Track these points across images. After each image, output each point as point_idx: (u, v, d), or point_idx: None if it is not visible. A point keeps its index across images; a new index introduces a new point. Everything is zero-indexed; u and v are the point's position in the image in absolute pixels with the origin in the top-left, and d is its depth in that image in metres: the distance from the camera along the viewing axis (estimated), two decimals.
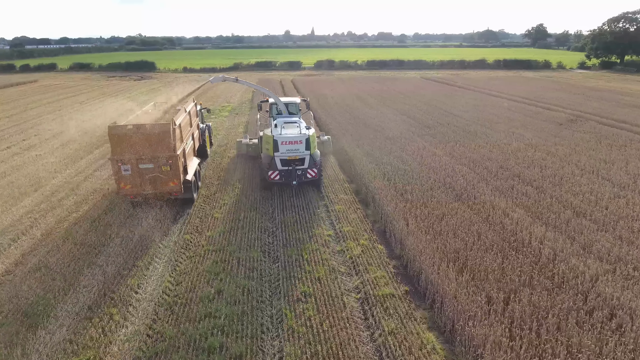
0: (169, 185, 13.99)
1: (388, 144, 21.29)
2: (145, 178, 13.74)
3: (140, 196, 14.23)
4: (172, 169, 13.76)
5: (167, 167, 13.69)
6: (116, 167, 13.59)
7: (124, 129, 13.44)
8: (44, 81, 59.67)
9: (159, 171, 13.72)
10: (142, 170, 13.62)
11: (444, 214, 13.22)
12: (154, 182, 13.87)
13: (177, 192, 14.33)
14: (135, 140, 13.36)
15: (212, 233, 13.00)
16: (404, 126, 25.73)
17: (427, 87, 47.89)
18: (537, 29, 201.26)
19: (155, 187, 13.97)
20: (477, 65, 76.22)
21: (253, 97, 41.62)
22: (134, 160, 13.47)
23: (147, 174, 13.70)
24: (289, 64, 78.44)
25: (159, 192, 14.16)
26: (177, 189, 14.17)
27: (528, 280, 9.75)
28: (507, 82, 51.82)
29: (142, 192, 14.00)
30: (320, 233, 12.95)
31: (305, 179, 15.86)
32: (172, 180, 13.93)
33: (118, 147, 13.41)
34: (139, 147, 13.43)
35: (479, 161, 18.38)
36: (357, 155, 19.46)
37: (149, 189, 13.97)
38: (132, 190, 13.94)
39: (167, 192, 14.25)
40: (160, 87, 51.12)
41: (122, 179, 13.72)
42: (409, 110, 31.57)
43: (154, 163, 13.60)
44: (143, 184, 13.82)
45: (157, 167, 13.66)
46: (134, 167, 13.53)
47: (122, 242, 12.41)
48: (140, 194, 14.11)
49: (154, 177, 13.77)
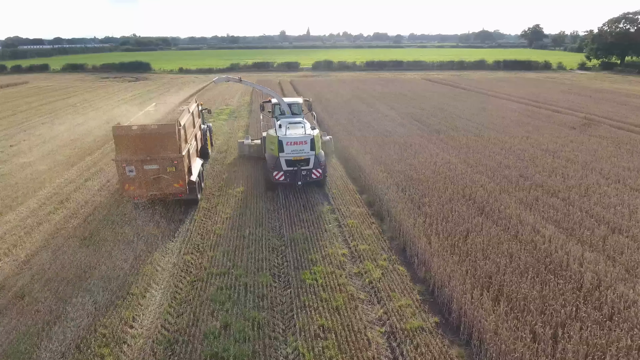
0: (174, 187, 13.73)
1: (398, 151, 20.17)
2: (150, 179, 13.45)
3: (144, 197, 13.93)
4: (178, 169, 13.50)
5: (172, 168, 13.43)
6: (121, 168, 13.24)
7: (128, 130, 13.10)
8: (35, 82, 58.12)
9: (164, 172, 13.45)
10: (147, 171, 13.35)
11: (468, 230, 12.12)
12: (158, 183, 13.56)
13: (182, 194, 14.07)
14: (140, 141, 13.05)
15: (215, 253, 11.81)
16: (413, 131, 24.64)
17: (430, 88, 46.87)
18: (534, 29, 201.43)
19: (160, 189, 13.67)
20: (476, 66, 75.42)
21: (252, 99, 40.40)
22: (139, 161, 13.18)
23: (151, 175, 13.43)
24: (286, 65, 77.24)
25: (163, 194, 13.87)
26: (182, 190, 13.90)
27: (574, 311, 8.66)
28: (510, 84, 50.93)
29: (146, 193, 13.68)
30: (334, 252, 11.80)
31: (310, 179, 15.73)
32: (177, 182, 13.67)
33: (123, 148, 13.11)
34: (144, 147, 13.13)
35: (497, 169, 17.30)
36: (367, 163, 18.33)
37: (154, 190, 13.66)
38: (136, 192, 13.60)
39: (172, 194, 13.96)
40: (156, 88, 49.78)
41: (126, 180, 13.39)
42: (416, 113, 30.47)
43: (159, 164, 13.34)
44: (148, 185, 13.52)
45: (162, 168, 13.40)
46: (138, 168, 13.24)
47: (116, 264, 11.21)
48: (145, 196, 13.79)
49: (158, 178, 13.49)
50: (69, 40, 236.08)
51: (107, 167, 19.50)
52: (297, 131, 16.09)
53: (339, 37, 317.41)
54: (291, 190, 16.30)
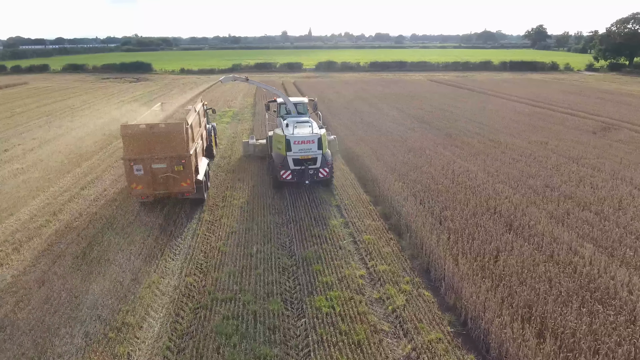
0: (182, 185, 13.67)
1: (412, 157, 19.07)
2: (158, 178, 13.40)
3: (151, 197, 13.93)
4: (185, 168, 13.48)
5: (180, 167, 13.39)
6: (128, 167, 13.20)
7: (137, 129, 13.07)
8: (34, 83, 57.10)
9: (172, 171, 13.40)
10: (155, 170, 13.32)
11: (499, 250, 11.02)
12: (166, 182, 13.51)
13: (190, 193, 14.02)
14: (148, 140, 13.02)
15: (220, 274, 10.73)
16: (424, 135, 23.53)
17: (437, 90, 45.76)
18: (537, 30, 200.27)
19: (167, 187, 13.64)
20: (481, 67, 74.29)
21: (255, 101, 39.33)
22: (147, 160, 13.14)
23: (159, 174, 13.37)
24: (288, 66, 76.19)
25: (171, 192, 13.88)
26: (189, 189, 13.85)
27: (633, 351, 7.55)
28: (518, 85, 49.80)
29: (154, 192, 13.67)
30: (351, 274, 10.71)
31: (317, 178, 15.73)
32: (184, 180, 13.61)
33: (131, 146, 13.06)
34: (152, 146, 13.10)
35: (520, 178, 16.19)
36: (380, 171, 17.24)
37: (161, 189, 13.63)
38: (144, 191, 13.54)
39: (179, 192, 13.92)
40: (157, 89, 48.77)
41: (134, 179, 13.32)
42: (426, 116, 29.35)
43: (166, 163, 13.31)
44: (155, 184, 13.47)
45: (169, 167, 13.38)
46: (146, 167, 13.21)
47: (110, 287, 10.13)
48: (152, 195, 13.80)
49: (166, 177, 13.44)
50: (70, 40, 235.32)
51: (104, 174, 18.46)
52: (305, 130, 16.01)
53: (341, 37, 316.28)
54: (301, 202, 15.22)
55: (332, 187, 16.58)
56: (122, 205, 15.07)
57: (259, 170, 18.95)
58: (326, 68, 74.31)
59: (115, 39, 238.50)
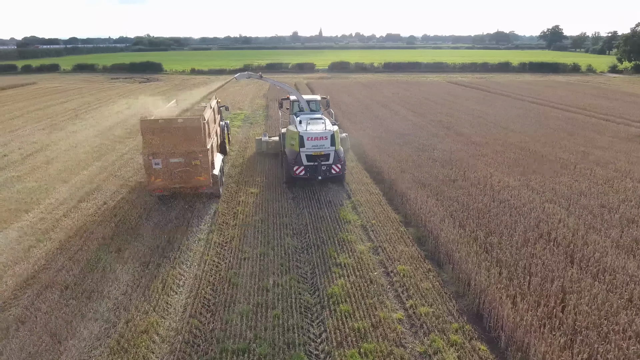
0: (198, 180, 14.00)
1: (442, 170, 17.24)
2: (175, 172, 13.76)
3: (169, 190, 14.35)
4: (202, 163, 13.78)
5: (197, 161, 13.70)
6: (147, 161, 13.62)
7: (156, 123, 13.50)
8: (43, 83, 56.16)
9: (189, 165, 13.71)
10: (172, 164, 13.68)
11: (564, 290, 9.16)
12: (183, 176, 13.85)
13: (206, 187, 14.36)
14: (166, 135, 13.37)
15: (230, 315, 9.02)
16: (453, 143, 21.61)
17: (458, 92, 43.61)
18: (553, 30, 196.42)
19: (184, 182, 14.00)
20: (500, 69, 71.86)
21: (268, 103, 37.72)
22: (165, 154, 13.52)
23: (177, 168, 13.74)
24: (300, 66, 74.48)
25: (188, 187, 14.23)
26: (206, 183, 14.19)
27: None
28: (544, 88, 47.48)
29: (171, 186, 14.07)
30: (387, 317, 8.94)
31: (329, 174, 16.01)
32: (201, 175, 13.92)
33: (149, 141, 13.41)
34: (170, 141, 13.42)
35: (570, 196, 14.26)
36: (408, 185, 15.44)
37: (179, 183, 14.01)
38: (162, 184, 13.92)
39: (196, 187, 14.29)
40: (167, 90, 47.40)
41: (152, 173, 13.72)
42: (451, 122, 27.37)
43: (184, 157, 13.65)
44: (173, 178, 13.85)
45: (187, 161, 13.70)
46: (164, 161, 13.58)
47: (101, 330, 8.50)
48: (170, 188, 14.21)
49: (183, 171, 13.77)
50: (83, 40, 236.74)
51: (104, 184, 16.92)
52: (318, 127, 16.30)
53: (351, 37, 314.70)
54: (322, 222, 13.47)
55: (357, 203, 14.84)
56: (123, 221, 13.49)
57: (274, 181, 17.26)
58: (339, 69, 72.52)
59: (128, 39, 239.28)
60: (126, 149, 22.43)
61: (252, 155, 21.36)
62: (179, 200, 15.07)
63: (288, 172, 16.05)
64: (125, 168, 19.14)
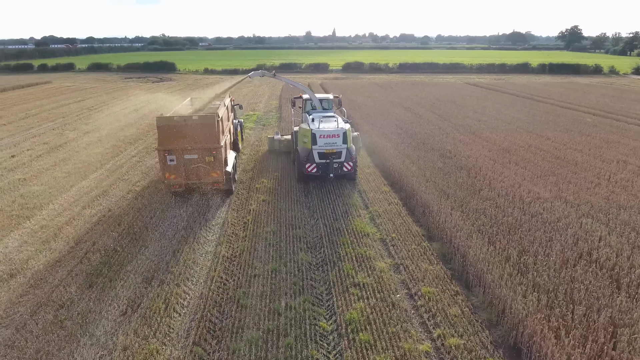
0: (212, 176, 14.20)
1: (467, 178, 16.16)
2: (190, 168, 13.98)
3: (183, 186, 14.54)
4: (216, 159, 13.98)
5: (211, 158, 13.88)
6: (162, 157, 13.83)
7: (171, 120, 13.69)
8: (57, 82, 56.28)
9: (203, 162, 13.93)
10: (187, 160, 13.87)
11: (614, 322, 8.10)
12: (197, 172, 14.05)
13: (220, 183, 14.55)
14: (181, 131, 13.55)
15: (238, 343, 8.15)
16: (477, 149, 20.43)
17: (477, 94, 42.20)
18: (571, 31, 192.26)
19: (198, 178, 14.21)
20: (519, 70, 69.94)
21: (281, 104, 36.93)
22: (180, 151, 13.71)
23: (191, 165, 13.92)
24: (315, 66, 73.56)
25: (202, 183, 14.45)
26: (219, 180, 14.40)
27: None
28: (568, 90, 45.75)
29: (186, 182, 14.27)
30: (412, 349, 7.97)
31: (341, 172, 16.07)
32: (215, 171, 14.14)
33: (165, 137, 13.62)
34: (184, 137, 13.62)
35: (608, 210, 13.07)
36: (431, 195, 14.41)
37: (193, 179, 14.21)
38: (176, 180, 14.16)
39: (210, 183, 14.50)
40: (180, 90, 46.99)
41: (167, 169, 13.95)
42: (473, 125, 26.11)
43: (198, 154, 13.84)
44: (187, 174, 14.07)
45: (201, 157, 13.92)
46: (179, 157, 13.78)
47: (96, 359, 7.69)
48: (184, 184, 14.41)
49: (197, 168, 13.94)
50: (100, 40, 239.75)
51: (111, 189, 16.26)
52: (330, 125, 16.38)
53: (365, 38, 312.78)
54: (338, 234, 12.54)
55: (375, 214, 13.87)
56: (127, 230, 12.75)
57: (287, 187, 16.39)
58: (353, 69, 71.44)
59: (144, 38, 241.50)
60: (135, 150, 21.81)
61: (264, 158, 20.54)
62: (188, 206, 14.39)
63: (300, 170, 16.20)
64: (134, 171, 18.49)
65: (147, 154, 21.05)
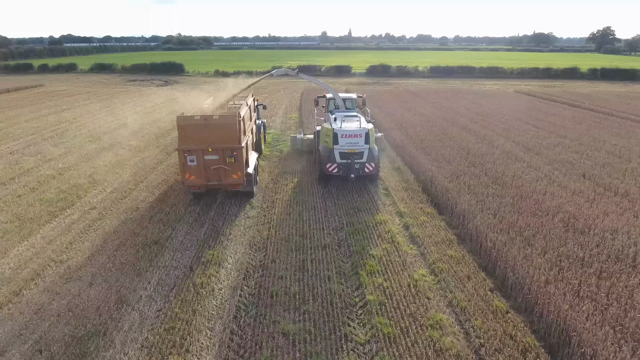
0: (232, 178, 13.81)
1: (576, 238, 9.21)
2: (210, 169, 13.61)
3: (203, 187, 14.09)
4: (237, 160, 13.60)
5: (231, 159, 13.50)
6: (182, 157, 13.47)
7: (192, 120, 13.34)
8: (50, 86, 50.44)
9: (224, 162, 13.54)
10: (207, 161, 13.50)
11: None
12: (217, 173, 13.67)
13: (240, 185, 14.15)
14: (202, 131, 13.16)
15: None
16: (618, 215, 13.26)
17: (543, 108, 33.52)
18: (603, 32, 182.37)
19: (219, 179, 13.79)
20: (567, 75, 61.96)
21: (302, 119, 30.25)
22: (200, 151, 13.33)
23: (211, 165, 13.54)
24: (336, 69, 66.59)
25: (222, 184, 13.99)
26: (240, 182, 13.98)
27: None
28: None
29: (206, 183, 13.82)
30: None
31: (362, 173, 15.75)
32: (235, 173, 13.75)
33: (185, 137, 13.31)
34: (205, 138, 13.22)
35: None
36: (537, 273, 7.55)
37: (213, 180, 13.79)
38: (196, 181, 13.76)
39: (230, 185, 14.05)
40: (183, 95, 40.65)
41: (187, 169, 13.59)
42: (578, 163, 18.17)
43: (219, 154, 13.47)
44: (208, 175, 13.66)
45: (222, 158, 13.52)
46: (199, 158, 13.42)
47: None
48: (204, 186, 13.96)
49: (218, 169, 13.59)
50: (117, 38, 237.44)
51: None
52: (352, 124, 16.12)
53: (381, 38, 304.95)
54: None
55: None
56: None
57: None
58: (379, 72, 64.38)
59: (160, 37, 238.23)
60: (99, 197, 15.20)
61: (282, 202, 14.19)
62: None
63: (321, 170, 16.00)
64: (83, 240, 11.95)
65: (113, 208, 14.41)
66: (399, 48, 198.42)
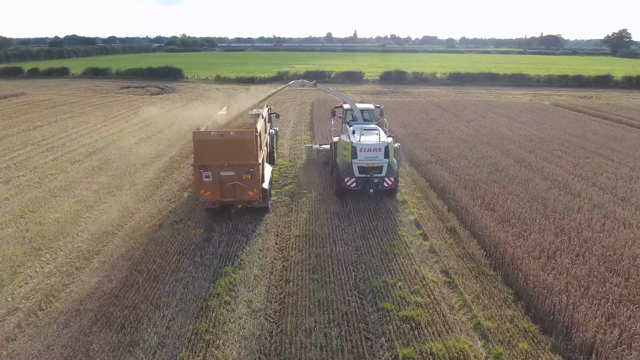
0: (248, 194, 13.51)
1: None
2: (226, 186, 13.33)
3: (218, 204, 13.85)
4: (253, 177, 13.33)
5: (247, 176, 13.24)
6: (197, 173, 13.30)
7: (208, 135, 13.15)
8: (32, 95, 45.57)
9: (240, 179, 13.25)
10: (223, 177, 13.24)
11: None
12: (233, 190, 13.36)
13: (255, 202, 13.88)
14: (218, 147, 12.92)
15: None
16: None
17: (595, 128, 28.42)
18: (619, 35, 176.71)
19: (234, 196, 13.52)
20: (599, 83, 56.65)
21: (314, 134, 25.29)
22: (216, 167, 13.12)
23: (227, 182, 13.27)
24: (346, 75, 61.42)
25: (237, 201, 13.77)
26: (256, 198, 13.72)
27: None
28: None
29: (221, 199, 13.55)
30: None
31: (381, 187, 15.43)
32: (251, 189, 13.45)
33: (200, 153, 13.10)
34: (221, 154, 12.98)
35: None
36: None
37: (229, 197, 13.53)
38: (211, 197, 13.51)
39: (246, 201, 13.86)
40: (179, 107, 35.76)
41: (202, 185, 13.36)
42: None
43: (235, 171, 13.20)
44: (223, 191, 13.37)
45: (238, 175, 13.26)
46: (215, 174, 13.18)
47: None
48: (219, 202, 13.72)
49: (233, 185, 13.29)
50: (122, 39, 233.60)
51: None
52: (372, 138, 15.80)
53: (387, 39, 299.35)
54: None
55: None
56: None
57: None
58: (394, 79, 59.24)
59: (164, 38, 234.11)
60: (61, 255, 10.38)
61: None
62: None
63: (339, 183, 15.60)
64: None
65: (73, 269, 9.63)
66: (405, 50, 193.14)
